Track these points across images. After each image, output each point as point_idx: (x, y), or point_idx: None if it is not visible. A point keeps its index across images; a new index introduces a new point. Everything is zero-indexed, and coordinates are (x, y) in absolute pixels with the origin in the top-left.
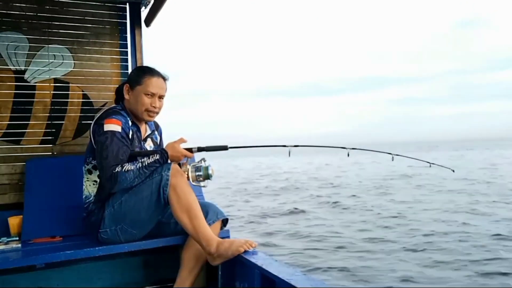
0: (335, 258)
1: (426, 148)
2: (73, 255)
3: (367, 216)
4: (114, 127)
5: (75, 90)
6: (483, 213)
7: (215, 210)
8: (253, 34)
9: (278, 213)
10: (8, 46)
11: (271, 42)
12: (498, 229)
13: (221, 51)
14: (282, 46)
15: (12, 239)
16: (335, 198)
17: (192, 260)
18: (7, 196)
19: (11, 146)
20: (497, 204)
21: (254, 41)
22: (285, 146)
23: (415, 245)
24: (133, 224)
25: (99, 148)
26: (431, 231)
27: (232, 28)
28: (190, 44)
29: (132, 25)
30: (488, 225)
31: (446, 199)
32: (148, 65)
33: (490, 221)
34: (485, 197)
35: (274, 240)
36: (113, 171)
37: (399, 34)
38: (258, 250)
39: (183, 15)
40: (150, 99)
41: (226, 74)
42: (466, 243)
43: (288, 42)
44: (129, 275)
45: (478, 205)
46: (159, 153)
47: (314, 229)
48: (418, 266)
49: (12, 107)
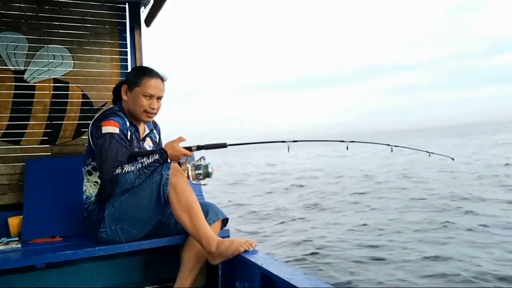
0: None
1: (427, 135)
2: (73, 255)
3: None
4: (112, 129)
5: (75, 90)
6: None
7: (215, 210)
8: (247, 28)
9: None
10: (7, 46)
11: (266, 35)
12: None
13: (214, 47)
14: (277, 39)
15: (12, 240)
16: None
17: (192, 260)
18: (7, 196)
19: (10, 146)
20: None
21: (249, 35)
22: (284, 142)
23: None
24: (133, 224)
25: (98, 151)
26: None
27: (226, 22)
28: (186, 40)
29: (132, 25)
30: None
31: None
32: (148, 65)
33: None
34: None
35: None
36: (113, 173)
37: (394, 22)
38: (258, 250)
39: (179, 12)
40: (148, 101)
41: (220, 70)
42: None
43: (283, 34)
44: (129, 275)
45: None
46: (158, 153)
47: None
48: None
49: (11, 107)
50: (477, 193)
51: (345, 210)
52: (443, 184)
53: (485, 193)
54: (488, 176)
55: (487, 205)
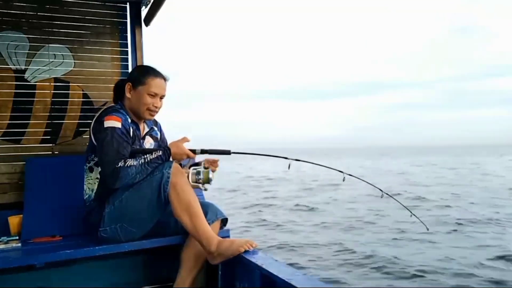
0: None
1: (420, 153)
2: (73, 254)
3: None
4: (114, 123)
5: (76, 89)
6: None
7: (214, 210)
8: (249, 37)
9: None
10: (8, 45)
11: (267, 45)
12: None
13: (217, 53)
14: (278, 49)
15: (12, 239)
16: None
17: (192, 260)
18: (7, 195)
19: (11, 145)
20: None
21: (251, 44)
22: (287, 159)
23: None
24: (133, 223)
25: (99, 144)
26: None
27: (228, 30)
28: (187, 44)
29: (133, 24)
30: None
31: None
32: (148, 64)
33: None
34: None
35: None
36: (115, 166)
37: (396, 40)
38: (258, 250)
39: (178, 12)
40: (152, 99)
41: (222, 75)
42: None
43: (285, 45)
44: (129, 275)
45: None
46: (162, 150)
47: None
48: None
49: (12, 107)
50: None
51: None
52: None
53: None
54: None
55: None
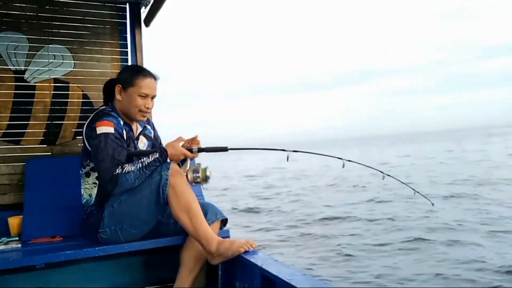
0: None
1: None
2: (73, 255)
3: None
4: (107, 129)
5: (75, 90)
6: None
7: (214, 210)
8: (240, 33)
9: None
10: (8, 46)
11: (258, 39)
12: None
13: (207, 51)
14: (269, 43)
15: (12, 239)
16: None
17: (192, 260)
18: (7, 196)
19: (11, 146)
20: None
21: (242, 40)
22: (284, 151)
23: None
24: (132, 224)
25: (94, 151)
26: None
27: (218, 27)
28: (180, 43)
29: (132, 25)
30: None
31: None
32: (148, 65)
33: None
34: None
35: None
36: (113, 173)
37: (386, 27)
38: (258, 250)
39: (177, 13)
40: (143, 100)
41: (214, 74)
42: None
43: (275, 38)
44: (129, 275)
45: None
46: (158, 152)
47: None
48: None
49: (12, 107)
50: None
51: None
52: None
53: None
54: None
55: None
